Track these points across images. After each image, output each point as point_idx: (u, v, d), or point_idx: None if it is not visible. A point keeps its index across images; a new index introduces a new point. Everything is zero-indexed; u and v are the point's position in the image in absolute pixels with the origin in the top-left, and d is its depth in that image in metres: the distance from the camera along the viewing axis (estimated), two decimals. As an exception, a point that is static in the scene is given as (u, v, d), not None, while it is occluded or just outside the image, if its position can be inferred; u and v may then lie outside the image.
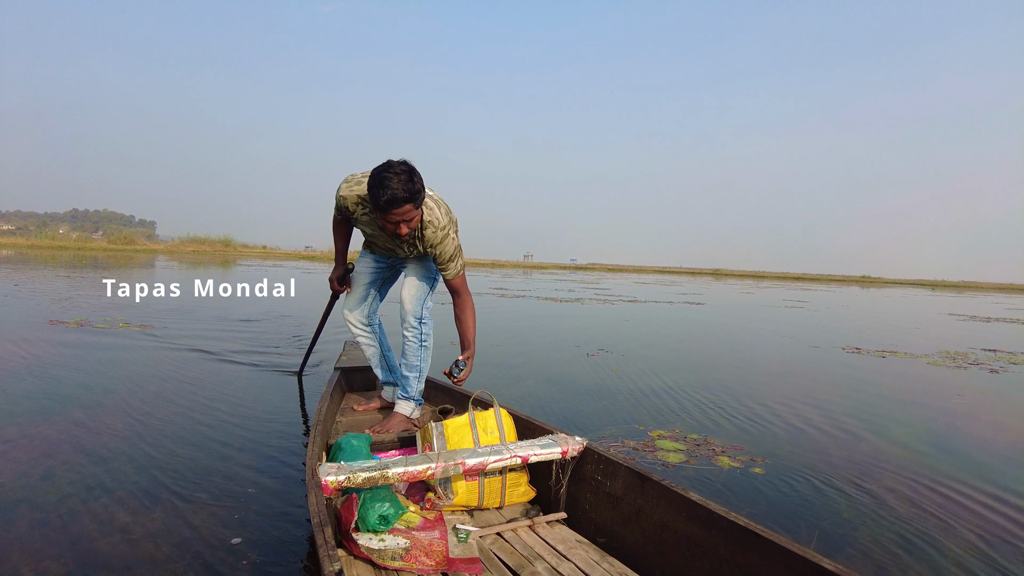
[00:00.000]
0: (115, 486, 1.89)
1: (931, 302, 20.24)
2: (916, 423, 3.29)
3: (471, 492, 1.66)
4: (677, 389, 3.81)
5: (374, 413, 2.40)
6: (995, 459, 2.70)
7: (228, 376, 3.59)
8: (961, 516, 2.02)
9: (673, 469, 2.30)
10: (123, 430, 2.42)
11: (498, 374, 4.01)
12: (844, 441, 2.85)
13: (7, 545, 1.53)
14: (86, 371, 3.48)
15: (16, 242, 34.09)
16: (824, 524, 1.90)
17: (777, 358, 5.58)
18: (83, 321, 5.38)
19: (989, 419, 3.51)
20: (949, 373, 5.11)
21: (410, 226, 1.80)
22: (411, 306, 2.18)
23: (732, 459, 2.45)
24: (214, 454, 2.21)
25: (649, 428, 2.83)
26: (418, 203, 1.77)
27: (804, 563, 1.07)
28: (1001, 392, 4.38)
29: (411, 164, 1.75)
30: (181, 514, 1.72)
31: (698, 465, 2.36)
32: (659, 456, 2.43)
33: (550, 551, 1.45)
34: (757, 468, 2.37)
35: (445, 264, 2.01)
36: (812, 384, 4.32)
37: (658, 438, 2.67)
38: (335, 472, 1.42)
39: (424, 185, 1.78)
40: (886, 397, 3.98)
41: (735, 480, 2.23)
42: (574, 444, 1.66)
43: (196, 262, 22.35)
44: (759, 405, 3.48)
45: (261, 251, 42.80)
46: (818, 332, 8.23)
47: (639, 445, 2.55)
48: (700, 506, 1.29)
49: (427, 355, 2.24)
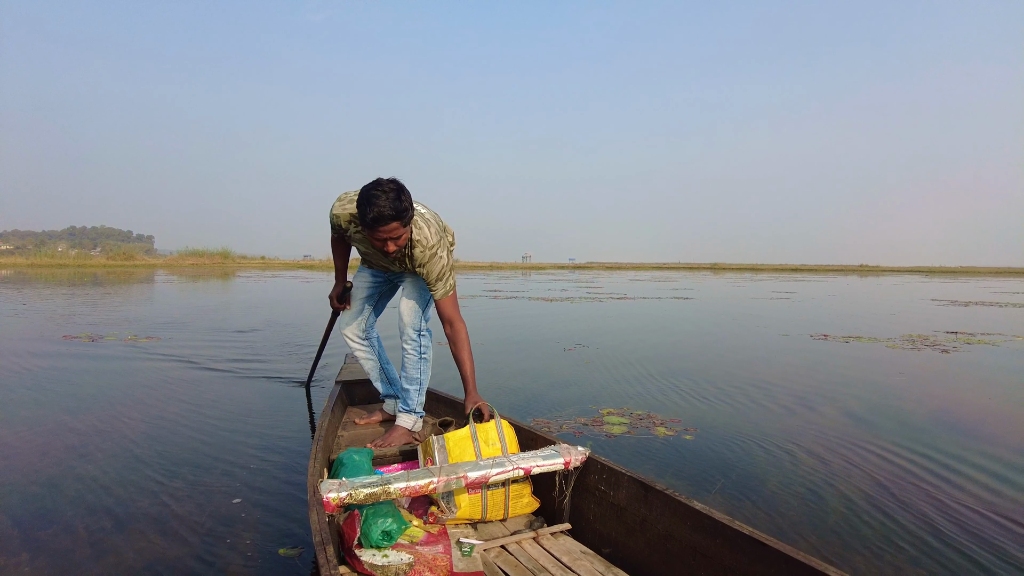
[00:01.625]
0: (117, 508, 1.89)
1: (921, 289, 20.60)
2: (849, 398, 3.66)
3: (474, 505, 1.67)
4: (639, 376, 4.19)
5: (376, 426, 2.43)
6: (909, 425, 3.07)
7: (231, 389, 3.66)
8: (866, 467, 2.39)
9: (614, 439, 2.67)
10: (127, 449, 2.45)
11: (476, 369, 4.38)
12: (776, 413, 3.22)
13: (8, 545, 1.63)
14: (99, 384, 3.84)
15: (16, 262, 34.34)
16: (733, 475, 2.27)
17: (742, 346, 5.96)
18: (94, 335, 5.77)
19: (918, 392, 3.88)
20: (902, 354, 5.48)
21: (398, 244, 1.83)
22: (409, 319, 2.20)
23: (668, 429, 2.83)
24: (216, 471, 2.23)
25: (601, 407, 3.21)
26: (405, 221, 1.79)
27: (809, 571, 1.07)
28: (940, 369, 4.75)
29: (400, 183, 1.78)
30: (180, 535, 1.71)
31: (637, 435, 2.74)
32: (604, 429, 2.81)
33: (555, 563, 1.45)
34: (688, 436, 2.75)
35: (433, 284, 2.01)
36: (765, 367, 4.69)
37: (607, 415, 3.05)
38: (336, 489, 1.43)
39: (412, 203, 1.82)
40: (832, 377, 4.35)
41: (665, 445, 2.60)
42: (577, 454, 1.66)
43: (196, 275, 22.71)
44: (709, 386, 3.86)
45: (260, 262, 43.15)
46: (793, 321, 8.59)
47: (589, 421, 2.93)
48: (704, 515, 1.30)
49: (427, 367, 2.25)
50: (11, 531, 1.74)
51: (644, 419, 3.00)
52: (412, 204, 1.82)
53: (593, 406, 3.24)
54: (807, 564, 1.08)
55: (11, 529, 1.75)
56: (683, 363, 4.82)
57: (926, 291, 18.67)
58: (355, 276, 2.38)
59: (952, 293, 17.47)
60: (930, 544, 1.75)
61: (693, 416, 3.10)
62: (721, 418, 3.09)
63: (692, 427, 2.89)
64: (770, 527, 1.84)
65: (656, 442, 2.65)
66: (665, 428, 2.84)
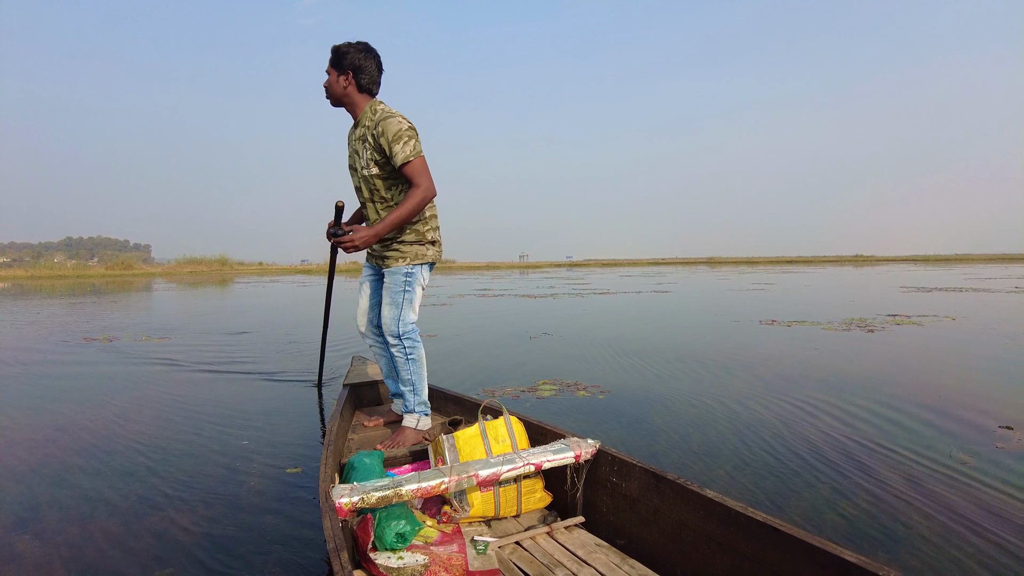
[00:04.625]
0: (122, 517, 1.89)
1: (901, 277, 21.18)
2: (756, 366, 4.34)
3: (487, 502, 1.69)
4: (584, 356, 4.88)
5: (385, 428, 2.50)
6: (793, 382, 3.74)
7: (239, 391, 3.74)
8: (743, 413, 3.07)
9: (541, 400, 3.36)
10: (141, 452, 2.52)
11: (446, 353, 5.06)
12: (683, 379, 3.91)
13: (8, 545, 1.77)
14: (121, 381, 4.52)
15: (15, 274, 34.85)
16: (623, 420, 2.96)
17: (687, 331, 6.64)
18: (111, 337, 6.46)
19: (817, 362, 4.55)
20: (830, 335, 6.16)
21: (325, 84, 2.16)
22: (387, 325, 2.24)
23: (587, 392, 3.53)
24: (228, 480, 2.22)
25: (540, 379, 3.90)
26: (336, 66, 2.12)
27: (825, 556, 1.08)
28: (853, 346, 5.42)
29: (367, 45, 2.13)
30: (190, 549, 1.70)
31: (561, 397, 3.42)
32: (536, 394, 3.50)
33: (570, 557, 1.47)
34: (601, 395, 3.45)
35: (391, 149, 2.03)
36: (699, 346, 5.38)
37: (542, 384, 3.75)
38: (348, 493, 1.44)
39: (356, 57, 2.10)
40: (752, 354, 5.03)
41: (580, 402, 3.29)
42: (587, 447, 1.68)
43: (195, 282, 23.41)
44: (639, 361, 4.56)
45: (257, 268, 43.81)
46: (753, 310, 9.27)
47: (525, 389, 3.63)
48: (717, 503, 1.32)
49: (416, 368, 2.28)
50: (27, 521, 1.87)
51: (571, 386, 3.69)
52: (354, 56, 2.10)
53: (535, 379, 3.93)
54: (822, 548, 1.09)
55: (27, 520, 1.89)
56: (626, 345, 5.50)
57: (905, 279, 19.25)
58: (363, 271, 2.50)
59: (928, 280, 18.01)
60: (763, 458, 2.43)
61: (613, 382, 3.80)
62: (635, 383, 3.78)
63: (607, 390, 3.58)
64: (645, 451, 2.50)
65: (574, 400, 3.34)
66: (585, 391, 3.54)
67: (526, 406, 3.18)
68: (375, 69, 2.16)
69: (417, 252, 2.22)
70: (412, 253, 2.21)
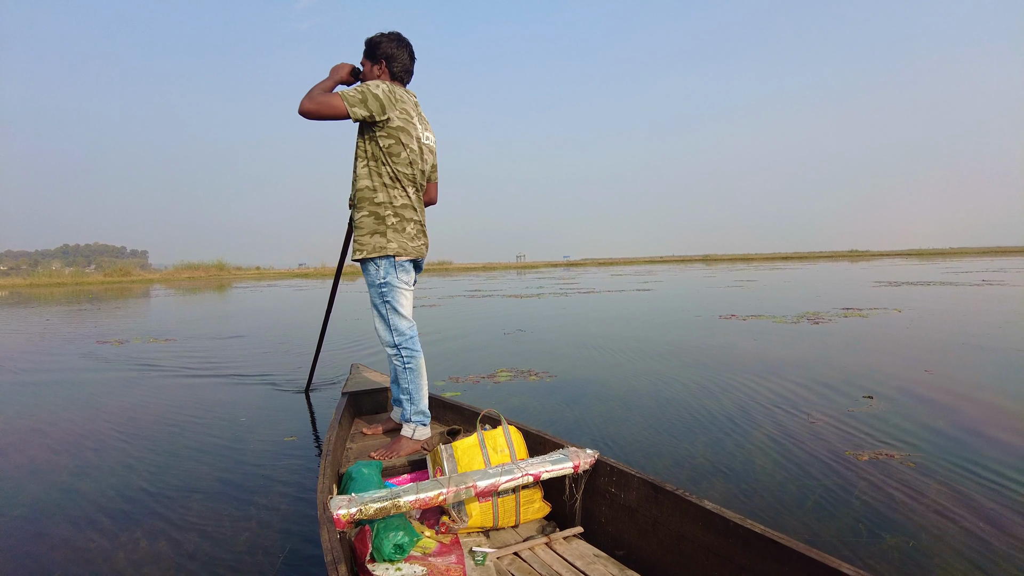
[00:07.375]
0: (120, 529, 1.87)
1: (886, 271, 21.64)
2: (694, 352, 4.92)
3: (485, 513, 1.69)
4: (545, 349, 5.48)
5: (384, 436, 2.48)
6: (725, 366, 4.32)
7: (232, 398, 3.79)
8: (672, 390, 3.66)
9: (496, 385, 3.94)
10: (126, 470, 2.44)
11: (422, 348, 5.64)
12: (624, 365, 4.50)
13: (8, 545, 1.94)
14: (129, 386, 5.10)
15: (14, 283, 35.28)
16: (561, 397, 3.54)
17: (649, 325, 7.23)
18: (122, 339, 7.05)
19: (753, 350, 5.14)
20: (778, 327, 6.74)
21: (360, 76, 2.24)
22: (380, 336, 2.27)
23: (537, 377, 4.12)
24: (221, 494, 2.19)
25: (499, 368, 4.49)
26: (370, 56, 2.23)
27: (824, 569, 1.08)
28: (790, 337, 5.99)
29: (400, 36, 2.24)
30: (183, 563, 1.68)
31: (514, 382, 4.02)
32: (494, 380, 4.09)
33: (568, 567, 1.47)
34: (548, 380, 4.05)
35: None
36: (652, 338, 5.96)
37: (500, 372, 4.34)
38: (347, 505, 1.43)
39: (386, 48, 2.20)
40: (696, 343, 5.61)
41: (528, 385, 3.88)
42: (585, 457, 1.68)
43: (193, 288, 23.99)
44: (592, 351, 5.16)
45: (255, 272, 44.33)
46: (720, 306, 9.84)
47: (485, 376, 4.22)
48: (716, 515, 1.31)
49: (414, 377, 2.25)
50: (33, 520, 2.06)
51: (525, 373, 4.29)
52: (387, 46, 2.20)
53: (496, 368, 4.52)
54: (821, 562, 1.09)
55: (33, 518, 2.11)
56: (588, 339, 6.09)
57: (886, 274, 19.68)
58: None
59: (907, 275, 18.42)
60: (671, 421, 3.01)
61: (562, 369, 4.39)
62: (581, 370, 4.38)
63: (554, 375, 4.18)
64: (574, 421, 3.07)
65: (525, 384, 3.93)
66: (536, 377, 4.13)
67: (485, 389, 3.77)
68: (407, 58, 2.26)
69: (376, 244, 2.13)
70: (370, 245, 2.14)
